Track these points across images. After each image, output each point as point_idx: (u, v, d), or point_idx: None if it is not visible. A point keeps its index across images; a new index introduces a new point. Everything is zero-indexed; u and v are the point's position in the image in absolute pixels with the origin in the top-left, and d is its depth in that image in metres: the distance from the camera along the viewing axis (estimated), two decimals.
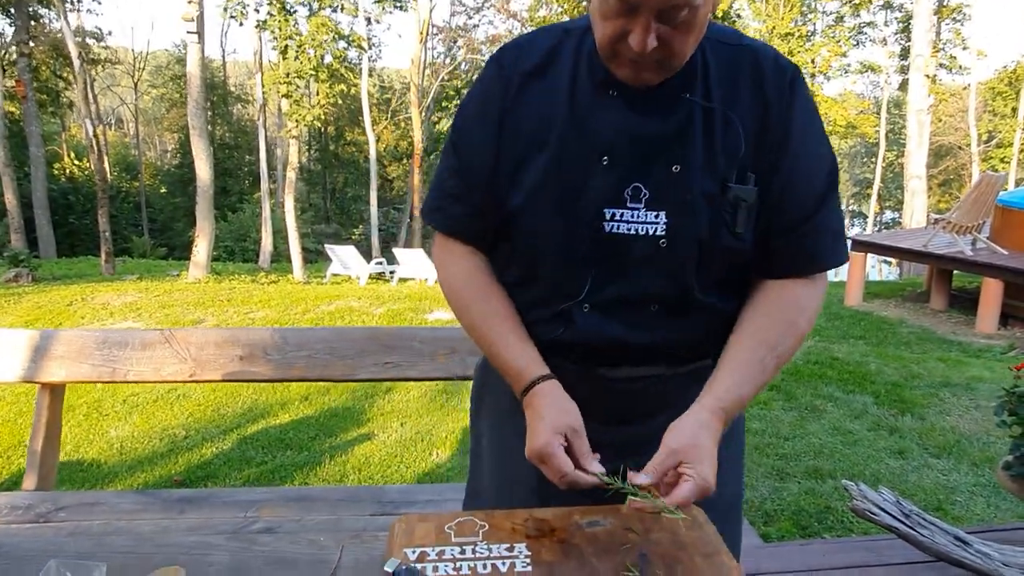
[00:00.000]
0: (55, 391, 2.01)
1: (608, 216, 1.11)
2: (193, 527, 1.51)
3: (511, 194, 1.17)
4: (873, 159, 33.70)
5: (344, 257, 14.68)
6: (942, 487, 3.69)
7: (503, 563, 1.00)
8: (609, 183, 1.11)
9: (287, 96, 16.87)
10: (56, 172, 25.91)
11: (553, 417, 1.09)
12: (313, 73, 17.06)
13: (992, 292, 7.81)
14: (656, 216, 1.10)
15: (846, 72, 28.72)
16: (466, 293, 1.22)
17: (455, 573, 0.97)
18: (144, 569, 1.08)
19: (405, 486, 1.79)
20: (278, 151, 24.26)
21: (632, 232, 1.11)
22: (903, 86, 25.65)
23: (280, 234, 21.16)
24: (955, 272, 9.07)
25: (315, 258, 22.77)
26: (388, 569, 0.94)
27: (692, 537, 1.08)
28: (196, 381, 1.98)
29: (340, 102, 25.74)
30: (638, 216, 1.10)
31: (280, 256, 22.00)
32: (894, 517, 2.36)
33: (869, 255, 10.04)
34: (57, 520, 1.57)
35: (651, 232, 1.10)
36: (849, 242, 9.98)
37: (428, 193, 1.31)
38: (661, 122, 1.11)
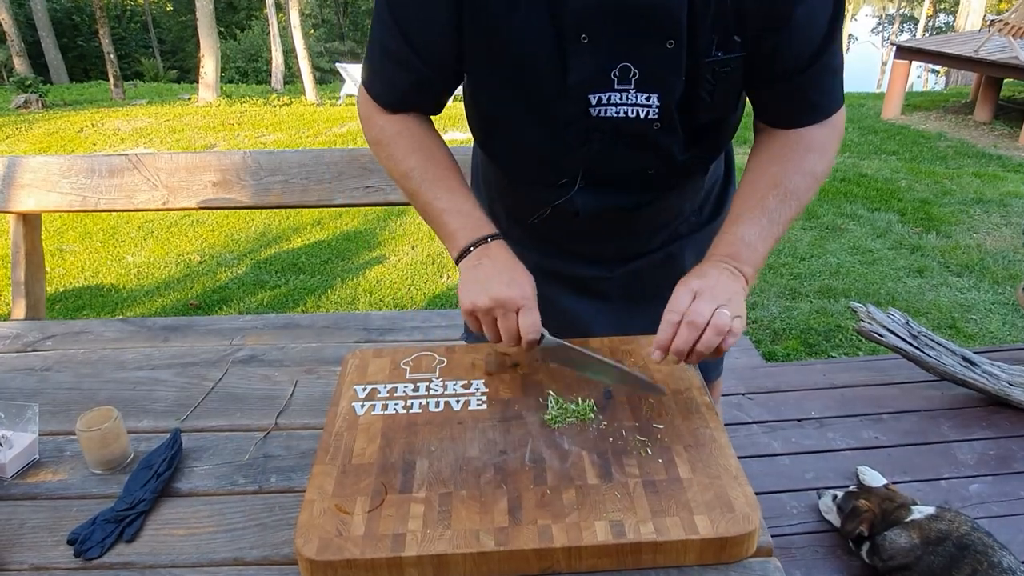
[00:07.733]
0: (29, 221, 1.95)
1: (595, 101, 0.97)
2: (176, 355, 1.48)
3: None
4: None
5: (357, 76, 14.09)
6: (959, 305, 3.62)
7: (457, 400, 0.94)
8: (594, 64, 0.94)
9: None
10: None
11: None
12: None
13: None
14: (648, 99, 0.97)
15: None
16: (400, 144, 1.06)
17: (405, 412, 0.92)
18: (92, 404, 1.05)
19: (391, 312, 1.74)
20: None
21: (622, 115, 0.98)
22: None
23: (292, 53, 20.26)
24: (1005, 81, 8.43)
25: (330, 78, 21.92)
26: None
27: (664, 372, 1.01)
28: (170, 209, 1.90)
29: None
30: (627, 98, 0.97)
31: (294, 77, 21.20)
32: (901, 338, 2.30)
33: (914, 64, 9.31)
34: (44, 349, 1.56)
35: (643, 115, 0.98)
36: (893, 48, 9.24)
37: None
38: None
